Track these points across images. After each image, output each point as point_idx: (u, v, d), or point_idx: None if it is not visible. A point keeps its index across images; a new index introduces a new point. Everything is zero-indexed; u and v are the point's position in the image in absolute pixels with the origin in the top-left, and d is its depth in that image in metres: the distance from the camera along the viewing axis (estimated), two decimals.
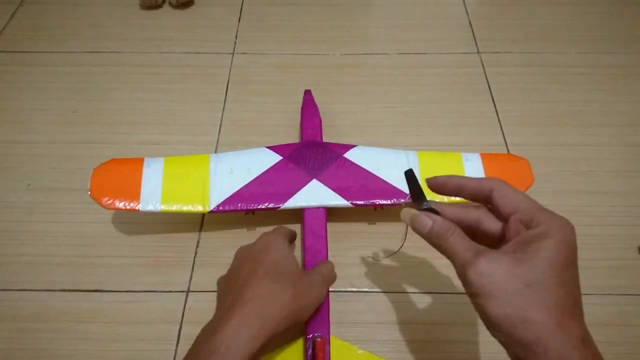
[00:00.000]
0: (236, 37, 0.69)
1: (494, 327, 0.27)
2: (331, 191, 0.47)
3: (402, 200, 0.46)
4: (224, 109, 0.61)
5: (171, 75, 0.64)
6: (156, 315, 0.45)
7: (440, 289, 0.46)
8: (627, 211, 0.52)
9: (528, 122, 0.60)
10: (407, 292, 0.46)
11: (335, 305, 0.45)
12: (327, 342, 0.39)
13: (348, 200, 0.46)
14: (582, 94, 0.63)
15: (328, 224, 0.50)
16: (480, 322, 0.44)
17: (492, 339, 0.43)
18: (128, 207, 0.44)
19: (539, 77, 0.64)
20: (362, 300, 0.46)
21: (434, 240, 0.31)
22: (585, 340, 0.26)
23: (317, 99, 0.57)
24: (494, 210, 0.31)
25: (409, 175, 0.34)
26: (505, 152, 0.56)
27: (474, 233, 0.32)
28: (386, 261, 0.48)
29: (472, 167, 0.48)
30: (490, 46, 0.68)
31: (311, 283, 0.38)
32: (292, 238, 0.43)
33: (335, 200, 0.46)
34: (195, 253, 0.49)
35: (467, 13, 0.73)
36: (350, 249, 0.49)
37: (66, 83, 0.64)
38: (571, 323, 0.26)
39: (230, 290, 0.35)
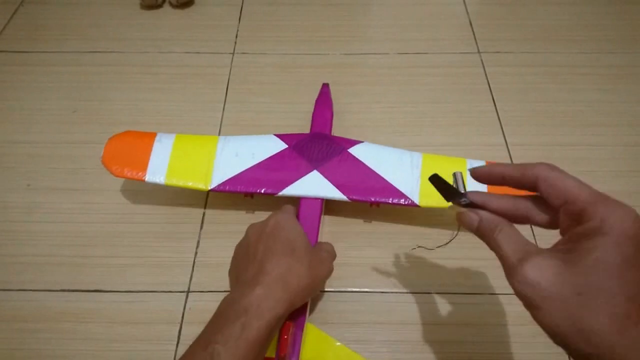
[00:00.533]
0: (236, 37, 0.69)
1: (549, 336, 0.25)
2: (329, 183, 0.47)
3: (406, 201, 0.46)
4: (224, 109, 0.61)
5: (171, 75, 0.64)
6: (156, 316, 0.45)
7: (441, 289, 0.46)
8: None
9: (528, 122, 0.59)
10: (407, 292, 0.46)
11: (335, 305, 0.45)
12: (295, 326, 0.39)
13: (345, 194, 0.46)
14: (582, 94, 0.62)
15: (326, 223, 0.50)
16: (481, 322, 0.44)
17: (493, 340, 0.43)
18: (135, 176, 0.47)
19: (539, 77, 0.64)
20: (362, 300, 0.46)
21: (481, 237, 0.29)
22: None
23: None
24: (543, 199, 0.28)
25: (434, 179, 0.31)
26: (506, 152, 0.56)
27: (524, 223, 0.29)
28: (386, 261, 0.48)
29: None
30: (491, 46, 0.68)
31: (321, 258, 0.40)
32: (297, 216, 0.45)
33: (333, 193, 0.47)
34: (195, 253, 0.49)
35: (467, 13, 0.73)
36: (350, 249, 0.48)
37: (66, 83, 0.64)
38: (635, 327, 0.23)
39: (248, 265, 0.37)
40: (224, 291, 0.38)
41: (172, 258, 0.48)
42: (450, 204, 0.31)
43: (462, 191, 0.30)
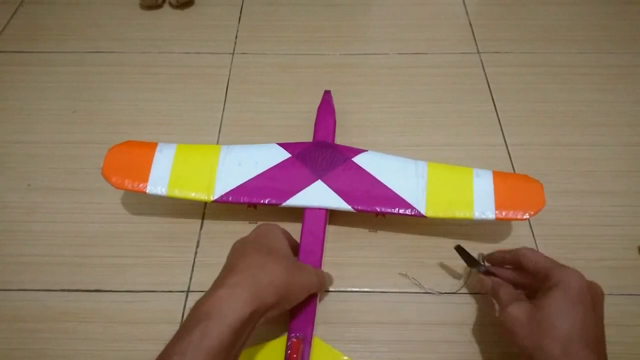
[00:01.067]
0: (236, 37, 0.69)
1: (522, 354, 0.35)
2: (334, 193, 0.46)
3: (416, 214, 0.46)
4: (224, 109, 0.61)
5: (171, 75, 0.64)
6: (156, 315, 0.45)
7: (441, 289, 0.46)
8: (627, 211, 0.52)
9: (528, 122, 0.60)
10: (407, 292, 0.46)
11: (335, 305, 0.45)
12: (304, 342, 0.39)
13: (349, 204, 0.46)
14: (582, 94, 0.63)
15: (329, 226, 0.50)
16: (479, 322, 0.44)
17: (492, 339, 0.43)
18: (136, 188, 0.46)
19: (539, 77, 0.64)
20: (362, 300, 0.46)
21: (492, 294, 0.41)
22: None
23: (317, 99, 0.58)
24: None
25: (459, 250, 0.43)
26: (505, 152, 0.56)
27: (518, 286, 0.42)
28: (386, 261, 0.48)
29: (481, 184, 0.46)
30: (490, 46, 0.68)
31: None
32: (290, 240, 0.43)
33: (337, 203, 0.46)
34: (195, 253, 0.49)
35: (467, 13, 0.73)
36: (351, 249, 0.49)
37: (66, 83, 0.64)
38: (577, 351, 0.33)
39: (222, 270, 0.37)
40: None
41: (172, 258, 0.48)
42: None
43: (482, 263, 0.44)
